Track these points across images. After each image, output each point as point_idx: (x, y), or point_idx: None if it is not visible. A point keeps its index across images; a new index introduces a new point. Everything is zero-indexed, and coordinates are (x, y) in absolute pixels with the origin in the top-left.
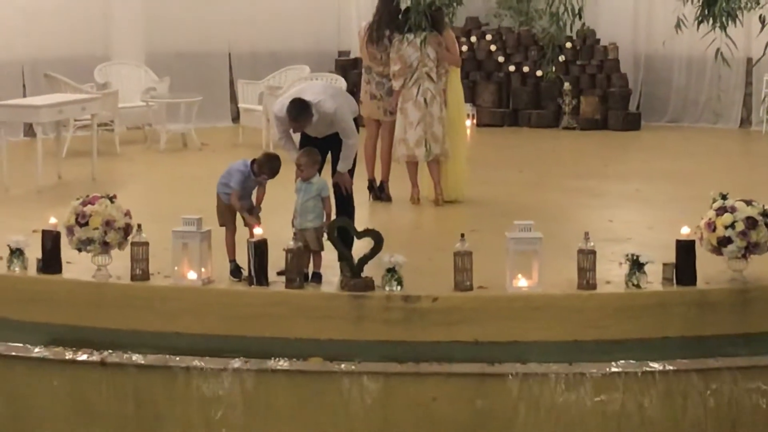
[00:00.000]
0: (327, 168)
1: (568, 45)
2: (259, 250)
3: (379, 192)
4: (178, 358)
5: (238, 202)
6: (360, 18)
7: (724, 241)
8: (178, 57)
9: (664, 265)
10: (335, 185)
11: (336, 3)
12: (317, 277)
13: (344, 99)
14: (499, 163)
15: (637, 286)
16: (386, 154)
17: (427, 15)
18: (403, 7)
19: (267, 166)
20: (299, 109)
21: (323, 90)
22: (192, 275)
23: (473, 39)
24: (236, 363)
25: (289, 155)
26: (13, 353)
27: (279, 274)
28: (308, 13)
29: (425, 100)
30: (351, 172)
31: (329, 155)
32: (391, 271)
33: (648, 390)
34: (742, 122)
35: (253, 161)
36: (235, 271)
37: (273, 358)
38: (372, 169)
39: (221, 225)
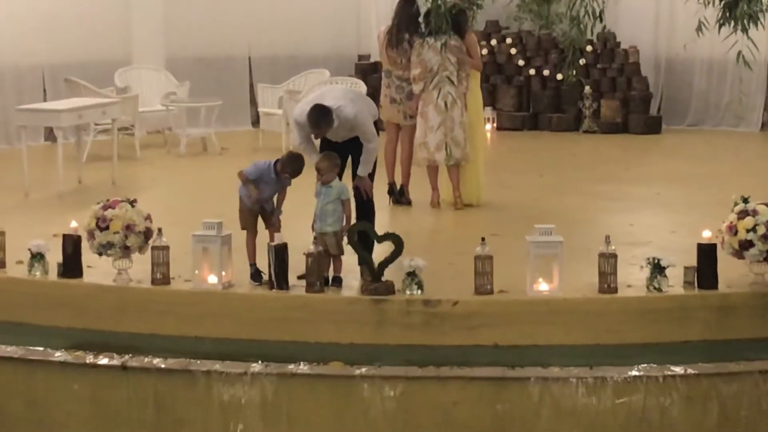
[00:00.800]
0: (348, 172)
1: (589, 48)
2: (280, 254)
3: (399, 196)
4: (198, 362)
5: (255, 190)
6: (379, 22)
7: (746, 245)
8: (198, 61)
9: (686, 268)
10: (356, 189)
11: (356, 7)
12: (338, 281)
13: (364, 103)
14: (520, 167)
15: (659, 289)
16: (406, 158)
17: (448, 18)
18: (423, 10)
19: (290, 165)
20: (320, 115)
21: (343, 95)
22: (212, 279)
23: (493, 42)
24: (257, 367)
25: (310, 159)
26: (34, 357)
27: (300, 278)
28: (328, 17)
29: (445, 103)
30: (371, 176)
31: (349, 159)
32: (412, 275)
33: (669, 394)
34: (764, 125)
35: (277, 161)
36: (256, 274)
37: (293, 363)
38: (392, 172)
39: (243, 228)
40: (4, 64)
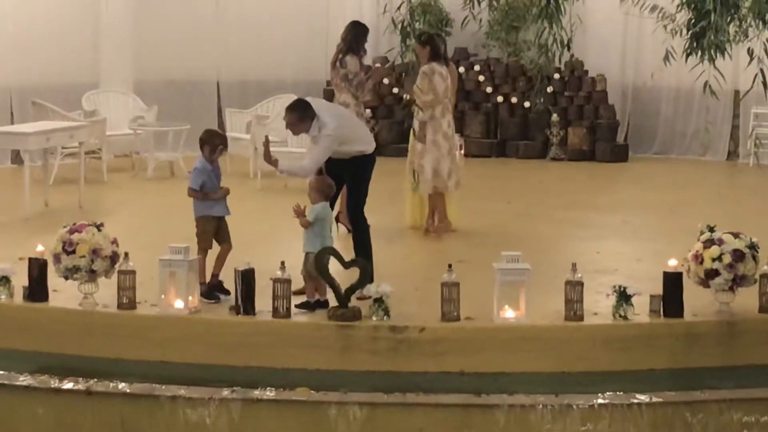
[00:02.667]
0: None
1: (556, 76)
2: (246, 279)
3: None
4: (164, 387)
5: (216, 194)
6: None
7: (712, 274)
8: (166, 85)
9: (652, 296)
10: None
11: (324, 32)
12: (322, 305)
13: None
14: (487, 194)
15: (625, 317)
16: None
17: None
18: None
19: (212, 141)
20: (293, 107)
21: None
22: (179, 304)
23: (462, 69)
24: (223, 392)
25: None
26: None
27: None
28: (297, 43)
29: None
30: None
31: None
32: (378, 301)
33: (635, 422)
34: (730, 155)
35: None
36: (208, 292)
37: (260, 388)
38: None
39: (204, 249)
40: None
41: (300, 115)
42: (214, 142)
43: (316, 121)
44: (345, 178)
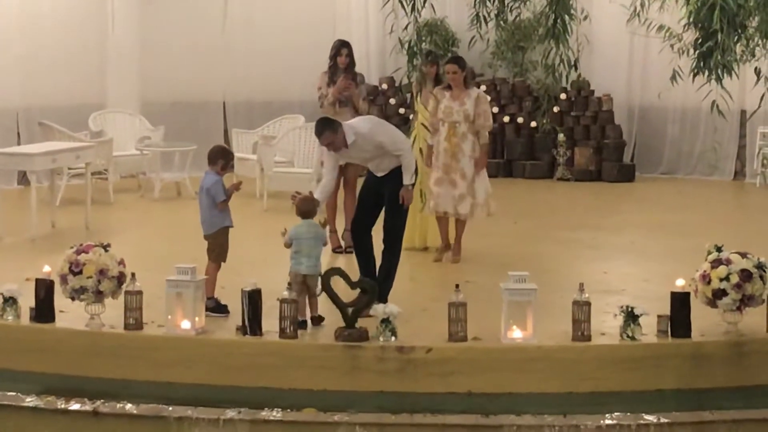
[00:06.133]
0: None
1: (563, 96)
2: (253, 299)
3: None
4: (171, 408)
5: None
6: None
7: (719, 294)
8: (172, 106)
9: (659, 317)
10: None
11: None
12: (316, 320)
13: (382, 126)
14: (494, 214)
15: (632, 338)
16: (352, 203)
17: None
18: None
19: (216, 157)
20: (322, 125)
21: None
22: (186, 324)
23: None
24: (230, 413)
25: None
26: (6, 402)
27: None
28: (303, 64)
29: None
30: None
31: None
32: (386, 321)
33: None
34: (736, 174)
35: (215, 167)
36: (216, 308)
37: (266, 409)
38: (333, 220)
39: (219, 261)
40: None
41: (331, 130)
42: (228, 156)
43: (349, 128)
44: (384, 196)
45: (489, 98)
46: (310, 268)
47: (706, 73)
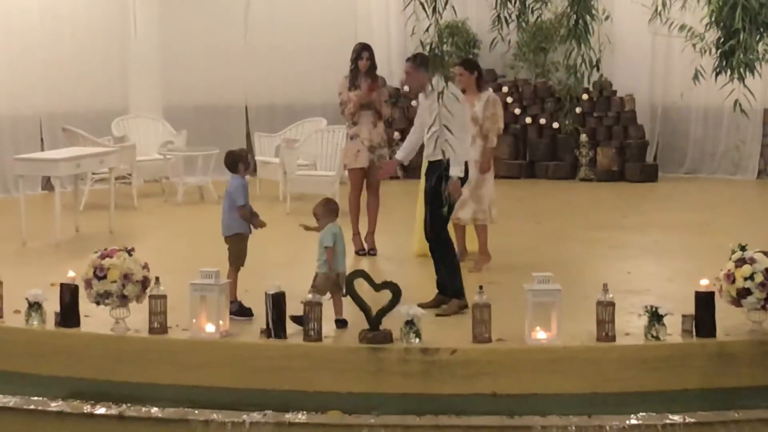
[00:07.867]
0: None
1: (585, 97)
2: (277, 302)
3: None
4: (196, 412)
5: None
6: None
7: (744, 293)
8: (195, 110)
9: (684, 316)
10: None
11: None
12: (340, 324)
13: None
14: (517, 215)
15: (657, 338)
16: (376, 206)
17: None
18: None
19: (234, 160)
20: (421, 56)
21: None
22: (210, 328)
23: (490, 91)
24: (255, 416)
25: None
26: (32, 407)
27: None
28: (324, 67)
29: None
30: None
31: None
32: (410, 323)
33: None
34: (760, 173)
35: (236, 171)
36: (239, 311)
37: (291, 412)
38: (357, 223)
39: (239, 265)
40: (1, 114)
41: (420, 64)
42: (243, 158)
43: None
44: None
45: (505, 100)
46: (344, 267)
47: (729, 72)
